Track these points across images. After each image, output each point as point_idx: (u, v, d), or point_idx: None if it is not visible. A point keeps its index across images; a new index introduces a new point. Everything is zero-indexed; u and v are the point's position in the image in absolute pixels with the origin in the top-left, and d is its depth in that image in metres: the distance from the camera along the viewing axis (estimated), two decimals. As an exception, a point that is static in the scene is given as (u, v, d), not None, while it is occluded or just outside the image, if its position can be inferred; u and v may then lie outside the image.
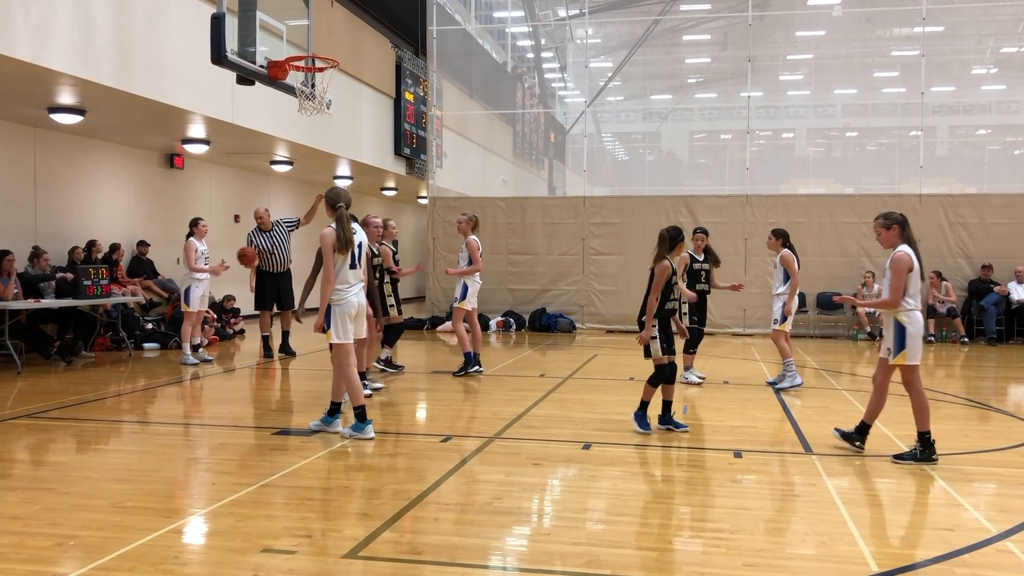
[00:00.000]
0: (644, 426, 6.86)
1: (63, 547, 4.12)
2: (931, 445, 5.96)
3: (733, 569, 3.92)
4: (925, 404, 5.98)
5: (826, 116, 25.52)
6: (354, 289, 6.62)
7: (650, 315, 6.73)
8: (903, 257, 5.92)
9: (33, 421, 7.25)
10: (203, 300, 11.24)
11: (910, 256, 5.93)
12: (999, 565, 4.04)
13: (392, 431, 7.08)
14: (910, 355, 5.94)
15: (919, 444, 5.98)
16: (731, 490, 5.32)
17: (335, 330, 6.54)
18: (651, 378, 6.91)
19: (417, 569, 3.88)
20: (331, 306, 6.54)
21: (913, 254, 5.96)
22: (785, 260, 9.14)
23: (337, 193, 6.69)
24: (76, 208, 13.34)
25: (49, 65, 8.89)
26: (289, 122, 13.09)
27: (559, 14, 25.81)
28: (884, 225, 6.10)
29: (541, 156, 28.53)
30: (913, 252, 5.98)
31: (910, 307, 5.92)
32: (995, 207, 15.52)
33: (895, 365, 6.02)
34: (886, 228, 6.09)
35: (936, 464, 5.89)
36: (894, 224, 6.07)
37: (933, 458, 5.93)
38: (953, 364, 12.33)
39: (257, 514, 4.68)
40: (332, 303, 6.54)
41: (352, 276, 6.61)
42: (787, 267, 9.12)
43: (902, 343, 5.94)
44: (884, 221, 6.12)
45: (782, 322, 9.22)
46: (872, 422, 6.29)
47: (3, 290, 10.29)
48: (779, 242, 9.26)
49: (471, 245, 9.99)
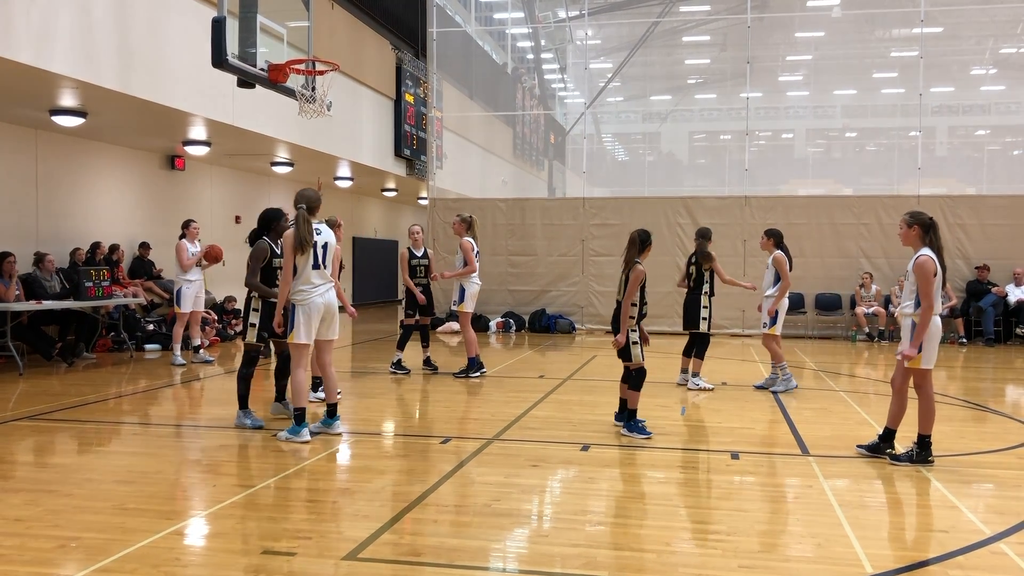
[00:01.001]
0: (642, 432, 6.84)
1: (65, 549, 4.16)
2: (928, 448, 5.98)
3: (730, 571, 3.95)
4: (932, 409, 5.97)
5: (825, 117, 25.56)
6: (319, 290, 6.56)
7: (625, 318, 6.82)
8: (926, 262, 5.84)
9: (35, 423, 7.28)
10: (197, 301, 11.30)
11: (934, 261, 5.86)
12: (994, 567, 4.08)
13: (392, 433, 7.12)
14: (926, 359, 5.90)
15: (917, 446, 5.99)
16: (728, 492, 5.36)
17: (296, 330, 6.51)
18: (633, 383, 6.95)
19: (416, 571, 3.92)
20: (295, 306, 6.52)
21: (936, 259, 5.89)
22: (777, 261, 9.06)
23: (300, 194, 6.62)
24: (77, 210, 13.37)
25: (50, 68, 8.92)
26: (289, 124, 13.13)
27: (559, 15, 25.84)
28: (907, 222, 6.03)
29: (541, 157, 28.56)
30: (937, 257, 5.90)
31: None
32: (993, 208, 15.55)
33: (912, 368, 5.96)
34: (908, 226, 6.02)
35: (931, 466, 5.91)
36: (916, 224, 5.99)
37: (929, 460, 5.95)
38: (951, 365, 12.36)
39: (257, 516, 4.71)
40: (296, 303, 6.52)
41: (316, 276, 6.54)
42: (779, 269, 9.05)
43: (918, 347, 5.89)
44: (908, 219, 6.04)
45: (771, 325, 9.13)
46: (896, 427, 6.16)
47: (4, 292, 10.33)
48: (771, 242, 9.18)
49: (464, 247, 10.01)
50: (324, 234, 6.65)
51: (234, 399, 7.41)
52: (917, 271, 5.87)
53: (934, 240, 5.99)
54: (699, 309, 9.26)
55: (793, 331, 15.89)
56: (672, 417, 7.85)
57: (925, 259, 5.87)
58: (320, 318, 6.59)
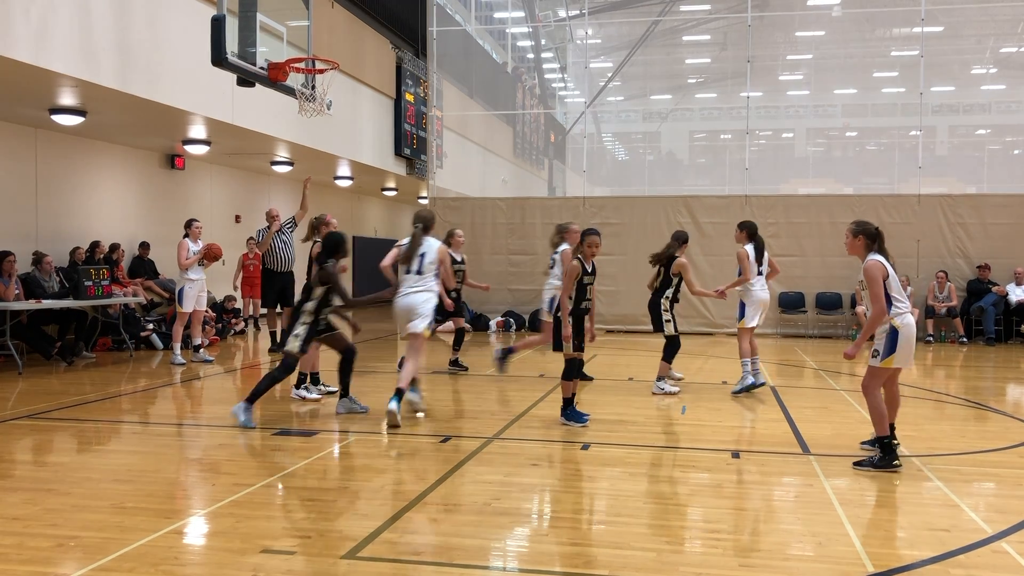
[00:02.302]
0: (580, 418, 7.12)
1: (63, 548, 4.14)
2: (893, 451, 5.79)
3: (730, 569, 3.94)
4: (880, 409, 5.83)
5: (826, 116, 25.56)
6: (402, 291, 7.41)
7: (565, 313, 7.08)
8: (874, 265, 5.78)
9: (34, 422, 7.27)
10: (199, 300, 11.29)
11: (881, 262, 5.80)
12: (995, 566, 4.06)
13: (392, 431, 7.10)
14: (899, 359, 5.76)
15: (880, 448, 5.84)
16: (728, 490, 5.34)
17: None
18: (564, 373, 7.23)
19: (416, 570, 3.90)
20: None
21: (885, 261, 5.82)
22: (738, 256, 8.84)
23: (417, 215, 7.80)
24: (77, 209, 13.36)
25: (49, 66, 8.91)
26: (289, 123, 13.12)
27: (559, 15, 25.85)
28: (852, 232, 5.98)
29: (541, 156, 28.54)
30: (884, 259, 5.83)
31: (901, 310, 5.76)
32: (994, 207, 15.53)
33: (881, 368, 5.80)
34: (853, 236, 5.97)
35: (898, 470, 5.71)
36: (860, 234, 5.93)
37: (895, 464, 5.75)
38: (952, 364, 12.35)
39: (257, 515, 4.70)
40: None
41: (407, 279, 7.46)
42: (740, 263, 8.87)
43: (892, 346, 5.74)
44: (853, 227, 5.99)
45: (740, 318, 8.90)
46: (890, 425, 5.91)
47: (4, 291, 10.32)
48: (744, 235, 8.91)
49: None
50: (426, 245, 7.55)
51: (234, 397, 7.40)
52: (866, 275, 5.79)
53: (881, 248, 5.91)
54: (660, 312, 8.89)
55: (793, 330, 15.89)
56: (673, 416, 7.84)
57: (873, 262, 5.80)
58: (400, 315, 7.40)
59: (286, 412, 7.87)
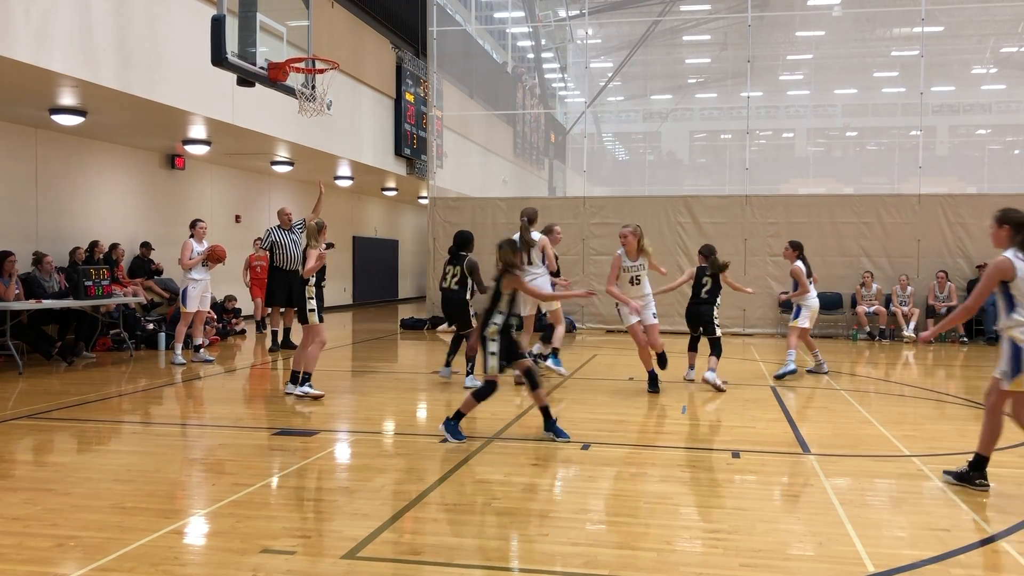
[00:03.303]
0: (458, 435, 6.49)
1: (63, 548, 4.14)
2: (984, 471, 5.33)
3: (731, 569, 3.94)
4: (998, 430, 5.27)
5: (826, 116, 25.59)
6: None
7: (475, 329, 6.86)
8: (1000, 263, 5.09)
9: (34, 422, 7.27)
10: (203, 300, 11.27)
11: (1010, 262, 5.06)
12: (995, 566, 4.06)
13: (392, 431, 7.10)
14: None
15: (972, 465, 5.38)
16: (729, 490, 5.34)
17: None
18: (477, 392, 6.55)
19: (416, 569, 3.90)
20: None
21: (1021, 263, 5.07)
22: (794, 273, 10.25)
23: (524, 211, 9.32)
24: (77, 209, 13.37)
25: (49, 66, 8.91)
26: (289, 123, 13.12)
27: (559, 15, 25.87)
28: (997, 220, 5.31)
29: (541, 156, 28.56)
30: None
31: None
32: (994, 207, 15.14)
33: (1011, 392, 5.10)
34: (997, 225, 5.29)
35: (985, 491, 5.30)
36: (1005, 224, 5.24)
37: (978, 483, 5.29)
38: (952, 364, 12.34)
39: (257, 515, 4.70)
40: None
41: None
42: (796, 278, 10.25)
43: (1018, 365, 5.02)
44: (998, 215, 5.31)
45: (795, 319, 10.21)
46: (989, 454, 5.32)
47: (4, 291, 10.32)
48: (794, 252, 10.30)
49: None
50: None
51: (234, 398, 7.38)
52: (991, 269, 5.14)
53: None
54: (713, 317, 9.55)
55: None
56: (673, 416, 7.84)
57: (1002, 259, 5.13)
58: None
59: (286, 412, 7.87)
